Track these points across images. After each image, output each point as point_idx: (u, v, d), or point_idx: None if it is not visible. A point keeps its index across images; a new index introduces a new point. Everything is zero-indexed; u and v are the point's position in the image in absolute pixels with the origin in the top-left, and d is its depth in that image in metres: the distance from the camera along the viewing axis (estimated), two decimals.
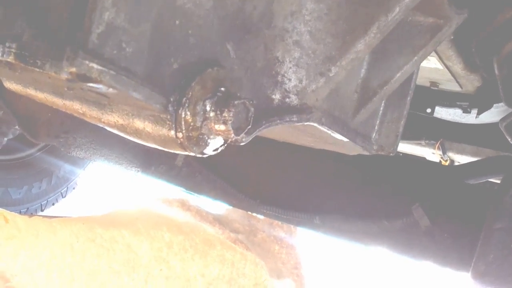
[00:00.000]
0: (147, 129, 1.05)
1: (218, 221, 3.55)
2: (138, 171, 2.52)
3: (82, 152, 2.65)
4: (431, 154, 2.47)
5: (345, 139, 1.24)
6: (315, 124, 1.14)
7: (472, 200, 1.80)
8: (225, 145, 1.02)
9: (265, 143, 2.05)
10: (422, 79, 2.01)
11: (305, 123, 1.12)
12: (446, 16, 1.28)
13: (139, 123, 1.06)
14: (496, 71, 1.61)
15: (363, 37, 1.11)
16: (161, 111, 0.96)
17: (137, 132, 1.09)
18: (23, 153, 3.38)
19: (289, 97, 1.11)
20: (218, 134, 0.96)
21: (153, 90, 0.92)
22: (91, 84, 0.85)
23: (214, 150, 1.03)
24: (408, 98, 1.41)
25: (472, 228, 1.70)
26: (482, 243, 1.53)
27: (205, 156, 1.02)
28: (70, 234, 2.94)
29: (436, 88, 2.02)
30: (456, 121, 2.21)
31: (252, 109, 0.96)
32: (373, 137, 1.38)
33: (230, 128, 0.93)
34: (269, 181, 2.13)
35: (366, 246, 1.90)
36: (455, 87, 1.96)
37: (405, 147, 2.58)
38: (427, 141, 2.43)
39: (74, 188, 3.87)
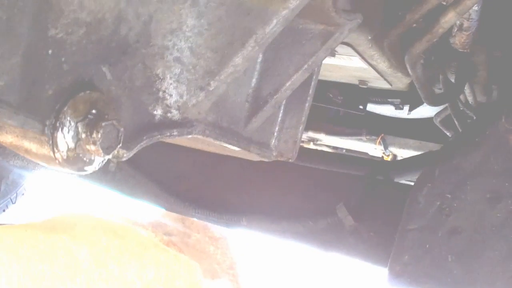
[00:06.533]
0: (33, 150, 1.26)
1: (152, 224, 3.83)
2: (73, 175, 2.73)
3: (19, 161, 2.86)
4: (373, 149, 2.68)
5: (236, 149, 1.44)
6: (199, 136, 1.34)
7: (399, 197, 2.00)
8: (104, 162, 1.22)
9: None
10: (350, 78, 2.21)
11: (188, 136, 1.32)
12: (336, 23, 1.47)
13: (27, 144, 1.26)
14: (410, 72, 1.81)
15: (241, 50, 1.30)
16: (40, 134, 1.17)
17: (27, 152, 1.30)
18: None
19: (171, 112, 1.31)
20: (91, 154, 1.16)
21: (28, 116, 1.12)
22: None
23: (95, 167, 1.23)
24: (306, 104, 1.60)
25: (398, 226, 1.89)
26: (397, 244, 1.73)
27: (85, 173, 1.22)
28: (14, 241, 3.23)
29: (365, 87, 2.22)
30: (396, 116, 2.42)
31: (122, 129, 1.15)
32: (272, 143, 1.58)
33: (100, 148, 1.13)
34: (199, 183, 2.35)
35: (295, 245, 2.11)
36: (385, 85, 2.15)
37: (347, 143, 2.78)
38: (368, 137, 2.64)
39: (23, 194, 4.11)
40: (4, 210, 3.90)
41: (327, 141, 2.99)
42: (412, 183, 2.25)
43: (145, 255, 3.47)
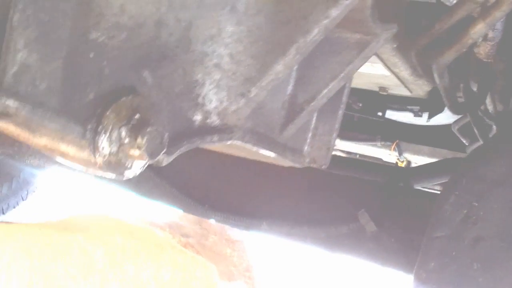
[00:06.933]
0: (71, 153, 1.21)
1: (169, 225, 3.81)
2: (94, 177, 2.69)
3: (36, 160, 2.82)
4: (388, 155, 2.66)
5: (272, 154, 1.41)
6: (238, 142, 1.30)
7: (419, 204, 1.97)
8: (145, 166, 1.19)
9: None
10: (370, 84, 2.19)
11: (228, 142, 1.29)
12: (373, 32, 1.44)
13: (64, 147, 1.22)
14: (437, 80, 1.78)
15: (282, 58, 1.27)
16: (81, 138, 1.12)
17: (63, 155, 1.25)
18: None
19: (210, 118, 1.27)
20: (134, 159, 1.12)
21: (69, 120, 1.08)
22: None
23: (135, 172, 1.19)
24: (340, 112, 1.58)
25: (420, 233, 1.87)
26: (423, 251, 1.71)
27: (124, 178, 1.18)
28: (27, 239, 3.21)
29: (385, 93, 2.19)
30: (412, 123, 2.39)
31: (166, 134, 1.12)
32: (305, 150, 1.55)
33: (145, 153, 1.10)
34: (219, 186, 2.32)
35: (315, 250, 2.08)
36: (405, 92, 2.13)
37: (361, 149, 2.76)
38: (382, 143, 2.61)
39: (34, 191, 4.10)
40: (14, 207, 3.90)
41: (341, 146, 2.96)
42: (429, 190, 2.24)
43: (162, 256, 3.46)
